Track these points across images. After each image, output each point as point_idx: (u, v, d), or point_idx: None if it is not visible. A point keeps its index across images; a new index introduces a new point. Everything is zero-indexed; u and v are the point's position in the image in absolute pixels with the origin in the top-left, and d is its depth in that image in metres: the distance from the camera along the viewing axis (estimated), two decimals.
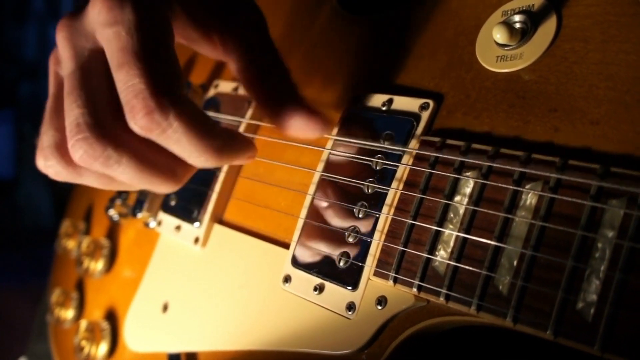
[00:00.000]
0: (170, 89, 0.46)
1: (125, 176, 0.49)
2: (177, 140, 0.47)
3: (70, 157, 0.50)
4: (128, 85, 0.45)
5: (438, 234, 0.45)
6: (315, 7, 0.67)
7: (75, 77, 0.49)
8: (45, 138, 0.52)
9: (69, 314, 0.83)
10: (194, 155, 0.48)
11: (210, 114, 0.70)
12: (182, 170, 0.52)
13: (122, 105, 0.46)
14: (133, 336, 0.72)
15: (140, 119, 0.45)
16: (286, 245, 0.56)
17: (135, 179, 0.50)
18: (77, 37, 0.50)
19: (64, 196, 0.98)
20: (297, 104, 0.53)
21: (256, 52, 0.55)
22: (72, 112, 0.48)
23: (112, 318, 0.77)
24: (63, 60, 0.51)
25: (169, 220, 0.70)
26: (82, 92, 0.49)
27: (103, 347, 0.75)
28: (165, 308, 0.67)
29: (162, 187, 0.52)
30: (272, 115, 0.54)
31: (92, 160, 0.48)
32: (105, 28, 0.47)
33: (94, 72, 0.49)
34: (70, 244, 0.89)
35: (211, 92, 0.73)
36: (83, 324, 0.76)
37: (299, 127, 0.53)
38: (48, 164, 0.52)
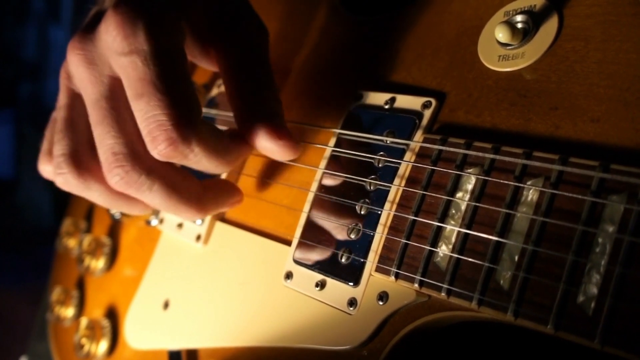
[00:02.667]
0: (190, 118, 0.48)
1: (155, 201, 0.53)
2: (197, 162, 0.50)
3: (84, 170, 0.54)
4: (148, 116, 0.47)
5: (440, 229, 0.45)
6: (318, 8, 0.68)
7: (102, 107, 0.51)
8: (59, 147, 0.54)
9: (69, 312, 0.84)
10: (211, 169, 0.52)
11: (213, 112, 0.71)
12: (208, 200, 0.55)
13: (142, 133, 0.48)
14: (134, 333, 0.72)
15: (163, 149, 0.47)
16: (288, 242, 0.57)
17: (163, 203, 0.53)
18: (93, 62, 0.51)
19: (64, 196, 0.98)
20: (268, 127, 0.52)
21: (243, 69, 0.55)
22: (107, 142, 0.51)
23: (113, 316, 0.77)
24: (82, 83, 0.52)
25: (171, 218, 0.71)
26: (112, 122, 0.51)
27: (103, 345, 0.75)
28: (166, 305, 0.68)
29: (187, 214, 0.55)
30: (242, 131, 0.54)
31: (127, 187, 0.51)
32: (120, 57, 0.47)
33: (118, 100, 0.51)
34: (71, 242, 0.90)
35: (214, 92, 0.73)
36: (83, 321, 0.77)
37: (264, 149, 0.54)
38: (59, 172, 0.54)
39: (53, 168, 0.55)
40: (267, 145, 0.53)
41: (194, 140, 0.47)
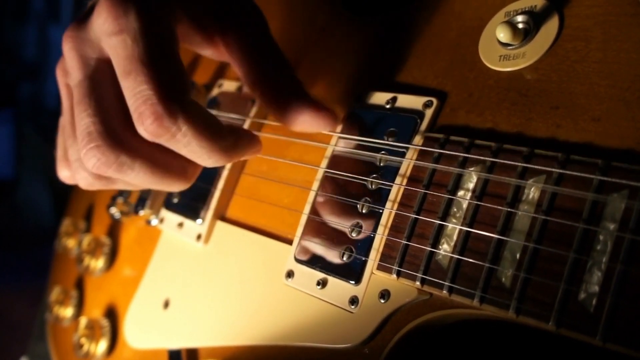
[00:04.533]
0: (177, 94, 0.47)
1: (139, 180, 0.51)
2: (186, 144, 0.48)
3: None
4: (136, 92, 0.46)
5: (441, 228, 0.45)
6: (319, 8, 0.68)
7: (84, 87, 0.50)
8: (73, 151, 0.53)
9: (68, 312, 0.84)
10: (204, 156, 0.49)
11: (214, 112, 0.71)
12: (192, 169, 0.53)
13: (130, 112, 0.47)
14: (133, 333, 0.72)
15: (149, 125, 0.46)
16: (289, 241, 0.57)
17: (148, 181, 0.51)
18: (83, 46, 0.50)
19: (64, 196, 0.98)
20: (303, 101, 0.54)
21: (259, 52, 0.55)
22: (83, 121, 0.49)
23: (112, 316, 0.77)
24: (70, 71, 0.52)
25: (171, 218, 0.71)
26: (91, 100, 0.49)
27: (102, 345, 0.75)
28: (166, 304, 0.68)
29: (174, 187, 0.53)
30: (279, 113, 0.54)
31: (106, 168, 0.49)
32: (110, 37, 0.47)
33: (102, 80, 0.50)
34: (71, 242, 0.90)
35: (215, 92, 0.74)
36: (83, 321, 0.76)
37: (307, 123, 0.54)
38: (80, 176, 0.53)
39: (72, 172, 0.55)
40: (311, 122, 0.53)
41: (181, 117, 0.46)
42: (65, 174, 0.58)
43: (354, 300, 0.50)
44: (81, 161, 0.51)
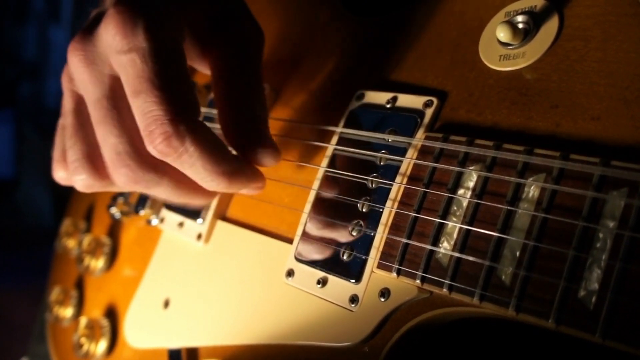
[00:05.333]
0: (186, 114, 0.48)
1: (165, 195, 0.53)
2: (191, 164, 0.49)
3: (103, 171, 0.53)
4: (145, 112, 0.47)
5: (441, 226, 0.45)
6: (319, 8, 0.69)
7: (104, 106, 0.51)
8: (72, 153, 0.54)
9: (67, 312, 0.84)
10: (207, 178, 0.50)
11: (214, 112, 0.71)
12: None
13: (140, 130, 0.48)
14: (134, 333, 0.72)
15: (158, 144, 0.47)
16: (289, 240, 0.57)
17: (173, 195, 0.54)
18: (93, 61, 0.51)
19: (64, 196, 0.99)
20: (266, 149, 0.53)
21: (235, 73, 0.55)
22: (110, 141, 0.51)
23: (112, 316, 0.77)
24: (83, 84, 0.52)
25: (171, 217, 0.71)
26: (114, 121, 0.51)
27: (102, 345, 0.75)
28: (166, 304, 0.68)
29: (197, 202, 0.56)
30: (229, 137, 0.54)
31: (135, 184, 0.52)
32: (120, 55, 0.48)
33: (119, 98, 0.51)
34: (71, 243, 0.90)
35: None
36: (83, 321, 0.77)
37: (254, 158, 0.53)
38: (78, 178, 0.55)
39: (68, 174, 0.55)
40: (267, 164, 0.54)
41: (189, 138, 0.47)
42: (61, 175, 0.58)
43: (354, 299, 0.50)
44: (82, 162, 0.53)
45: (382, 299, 0.48)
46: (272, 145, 0.53)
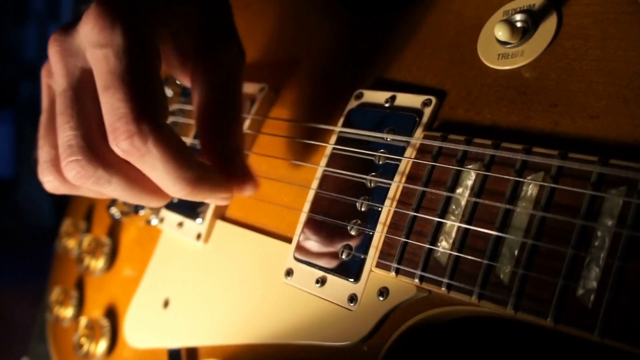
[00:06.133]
0: (152, 115, 0.47)
1: (116, 193, 0.52)
2: (153, 167, 0.48)
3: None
4: (112, 108, 0.47)
5: (440, 225, 0.45)
6: (318, 8, 0.69)
7: (67, 97, 0.50)
8: (42, 153, 0.54)
9: (68, 312, 0.84)
10: (169, 183, 0.50)
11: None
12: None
13: (106, 127, 0.47)
14: (133, 333, 0.72)
15: (120, 141, 0.46)
16: (288, 240, 0.57)
17: (125, 196, 0.52)
18: (68, 53, 0.51)
19: (64, 196, 0.99)
20: (236, 169, 0.54)
21: (219, 94, 0.55)
22: (65, 133, 0.50)
23: (112, 316, 0.77)
24: (55, 76, 0.52)
25: (171, 217, 0.71)
26: (73, 112, 0.50)
27: (102, 345, 0.75)
28: (166, 304, 0.68)
29: (149, 203, 0.54)
30: (209, 158, 0.54)
31: (84, 180, 0.50)
32: (95, 49, 0.48)
33: (84, 92, 0.50)
34: (71, 243, 0.90)
35: None
36: (83, 321, 0.77)
37: (231, 179, 0.54)
38: (46, 180, 0.54)
39: (40, 175, 0.54)
40: (247, 194, 0.55)
41: (152, 138, 0.46)
42: (40, 177, 0.56)
43: (352, 298, 0.50)
44: (48, 164, 0.52)
45: (381, 298, 0.48)
46: (252, 178, 0.55)
